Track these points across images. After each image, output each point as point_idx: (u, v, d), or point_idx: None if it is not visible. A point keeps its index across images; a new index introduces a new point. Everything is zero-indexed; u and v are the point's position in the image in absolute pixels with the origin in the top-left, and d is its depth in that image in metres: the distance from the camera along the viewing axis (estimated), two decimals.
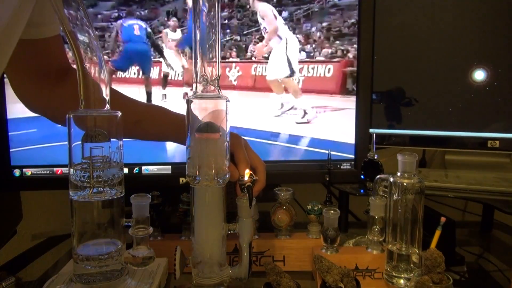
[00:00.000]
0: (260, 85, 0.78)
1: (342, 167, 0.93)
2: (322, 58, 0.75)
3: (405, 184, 0.62)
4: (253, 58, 0.78)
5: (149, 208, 0.63)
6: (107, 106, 0.56)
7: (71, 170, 0.55)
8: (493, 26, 0.90)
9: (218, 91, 0.56)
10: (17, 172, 0.88)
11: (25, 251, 0.90)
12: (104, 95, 0.56)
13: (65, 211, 0.57)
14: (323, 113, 0.77)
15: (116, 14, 0.77)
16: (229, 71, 0.76)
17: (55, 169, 0.88)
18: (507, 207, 0.80)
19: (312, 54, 0.75)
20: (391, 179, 0.64)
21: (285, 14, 0.73)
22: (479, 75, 0.91)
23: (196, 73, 0.55)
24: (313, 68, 0.76)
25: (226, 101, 0.56)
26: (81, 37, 0.52)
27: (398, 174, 0.63)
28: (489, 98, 0.91)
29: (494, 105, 0.91)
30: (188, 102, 0.56)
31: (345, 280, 0.60)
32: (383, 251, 0.68)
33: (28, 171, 0.88)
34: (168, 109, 0.78)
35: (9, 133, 0.86)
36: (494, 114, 0.91)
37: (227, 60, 0.76)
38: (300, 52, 0.73)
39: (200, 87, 0.56)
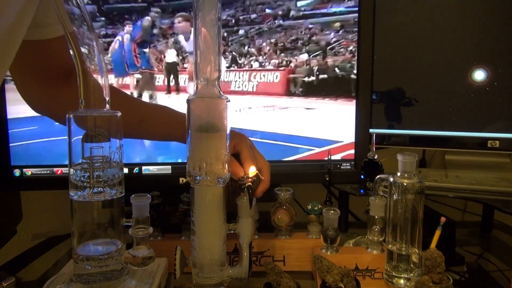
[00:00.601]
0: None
1: (342, 167, 0.93)
2: (271, 67, 0.93)
3: (405, 184, 0.62)
4: None
5: (149, 208, 0.63)
6: (107, 106, 0.56)
7: (71, 170, 0.55)
8: (493, 26, 0.90)
9: (219, 91, 0.56)
10: (17, 172, 0.88)
11: (25, 251, 0.90)
12: (105, 95, 0.56)
13: (65, 211, 0.57)
14: (272, 111, 0.95)
15: (104, 32, 0.89)
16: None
17: (55, 169, 0.88)
18: (507, 207, 0.80)
19: (263, 64, 0.93)
20: (391, 179, 0.64)
21: (241, 32, 0.91)
22: (479, 75, 0.91)
23: (196, 73, 0.55)
24: (264, 75, 0.93)
25: (227, 101, 0.57)
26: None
27: (398, 174, 0.63)
28: (489, 98, 0.91)
29: (494, 105, 0.91)
30: (189, 101, 0.56)
31: (345, 280, 0.60)
32: (383, 251, 0.68)
33: (28, 171, 0.88)
34: (172, 108, 0.78)
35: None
36: (494, 114, 0.91)
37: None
38: (254, 62, 0.93)
39: (200, 87, 0.56)
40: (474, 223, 1.03)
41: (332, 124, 0.94)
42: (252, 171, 0.65)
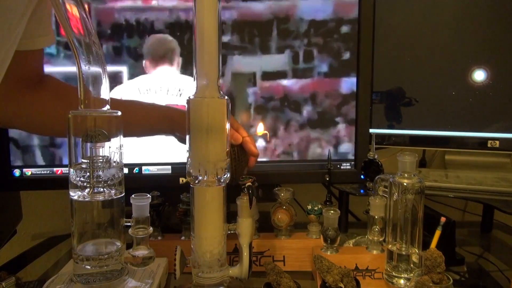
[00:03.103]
0: None
1: (342, 167, 0.93)
2: None
3: (405, 184, 0.62)
4: None
5: (149, 208, 0.63)
6: (107, 106, 0.56)
7: (71, 170, 0.55)
8: (493, 26, 0.90)
9: (219, 91, 0.56)
10: (17, 172, 0.88)
11: (25, 251, 0.90)
12: (105, 96, 0.56)
13: (65, 211, 0.57)
14: None
15: None
16: None
17: (55, 169, 0.88)
18: (507, 207, 0.80)
19: None
20: (391, 179, 0.64)
21: None
22: (479, 75, 0.91)
23: (196, 73, 0.55)
24: None
25: (227, 101, 0.57)
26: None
27: (398, 174, 0.63)
28: (489, 98, 0.91)
29: (494, 105, 0.91)
30: (189, 101, 0.56)
31: (345, 280, 0.60)
32: (383, 251, 0.68)
33: (28, 171, 0.88)
34: (153, 102, 0.79)
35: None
36: (494, 114, 0.91)
37: None
38: None
39: (200, 87, 0.56)
40: (474, 223, 1.03)
41: None
42: (260, 130, 0.70)
